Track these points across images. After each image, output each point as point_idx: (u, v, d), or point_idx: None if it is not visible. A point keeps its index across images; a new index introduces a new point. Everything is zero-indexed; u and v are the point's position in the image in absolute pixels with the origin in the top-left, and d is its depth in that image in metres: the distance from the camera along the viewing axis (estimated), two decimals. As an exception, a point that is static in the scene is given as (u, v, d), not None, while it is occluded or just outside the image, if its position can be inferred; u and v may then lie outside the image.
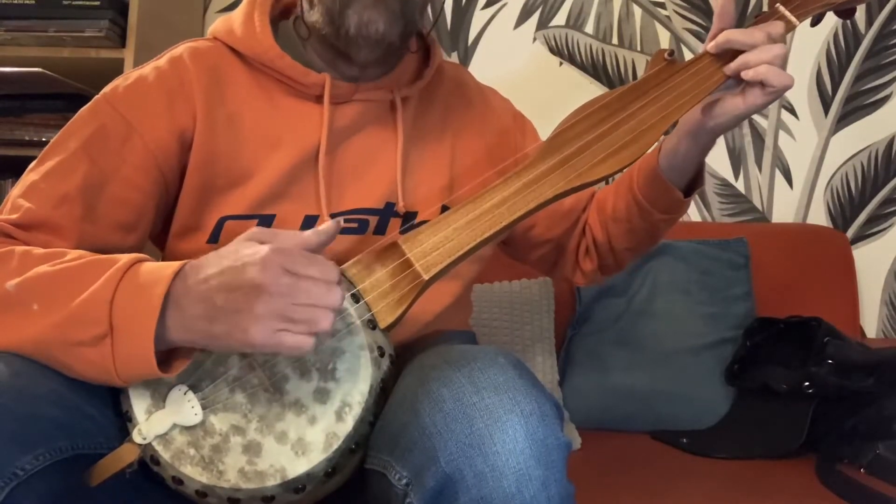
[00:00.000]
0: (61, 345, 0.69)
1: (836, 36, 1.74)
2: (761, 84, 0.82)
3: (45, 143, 0.85)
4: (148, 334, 0.66)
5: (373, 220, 0.91)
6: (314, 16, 0.88)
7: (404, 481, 0.68)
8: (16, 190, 0.82)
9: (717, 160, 1.77)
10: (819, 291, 1.56)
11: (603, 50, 1.80)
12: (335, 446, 0.71)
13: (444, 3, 1.77)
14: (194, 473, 0.71)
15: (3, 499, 0.60)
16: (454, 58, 1.83)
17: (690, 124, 0.89)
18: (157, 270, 0.69)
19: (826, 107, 1.74)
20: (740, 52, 0.83)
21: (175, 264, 0.69)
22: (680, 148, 0.91)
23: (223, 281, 0.66)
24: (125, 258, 0.71)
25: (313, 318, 0.66)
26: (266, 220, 0.88)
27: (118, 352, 0.67)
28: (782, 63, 0.82)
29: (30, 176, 0.83)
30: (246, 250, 0.68)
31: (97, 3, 1.58)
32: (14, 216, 0.79)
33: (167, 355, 0.70)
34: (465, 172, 0.98)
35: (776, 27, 0.83)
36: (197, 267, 0.69)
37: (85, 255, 0.73)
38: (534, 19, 1.82)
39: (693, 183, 0.96)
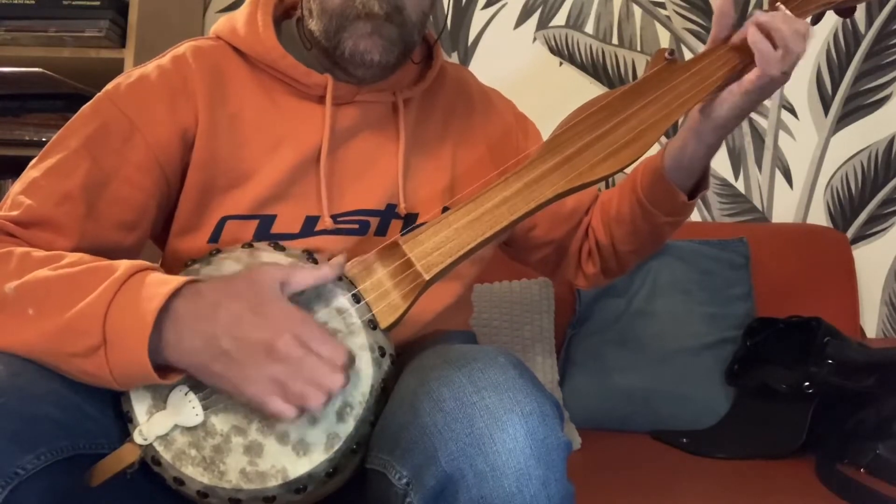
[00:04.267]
0: (57, 353, 0.69)
1: (836, 36, 1.74)
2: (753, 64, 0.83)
3: (45, 143, 0.85)
4: (142, 349, 0.66)
5: (374, 222, 0.91)
6: (313, 25, 0.89)
7: (404, 481, 0.68)
8: (16, 187, 0.82)
9: (717, 160, 1.76)
10: (819, 291, 1.56)
11: (603, 50, 1.80)
12: (336, 447, 0.71)
13: (447, 17, 1.77)
14: (195, 474, 0.71)
15: (4, 498, 0.60)
16: (454, 58, 1.83)
17: (693, 123, 0.90)
18: (156, 285, 0.69)
19: (826, 107, 1.74)
20: (747, 55, 0.84)
21: (177, 280, 0.69)
22: (686, 148, 0.91)
23: (235, 326, 0.68)
24: (123, 267, 0.70)
25: (308, 395, 0.67)
26: (267, 221, 0.88)
27: (113, 363, 0.67)
28: (791, 55, 0.82)
29: (31, 173, 0.83)
30: (269, 304, 0.69)
31: (97, 3, 1.58)
32: (15, 213, 0.79)
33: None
34: (466, 174, 0.98)
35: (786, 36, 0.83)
36: (208, 296, 0.69)
37: (85, 259, 0.73)
38: (534, 19, 1.82)
39: (697, 186, 0.96)
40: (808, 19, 0.90)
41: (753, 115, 1.76)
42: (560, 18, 1.81)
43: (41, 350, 0.69)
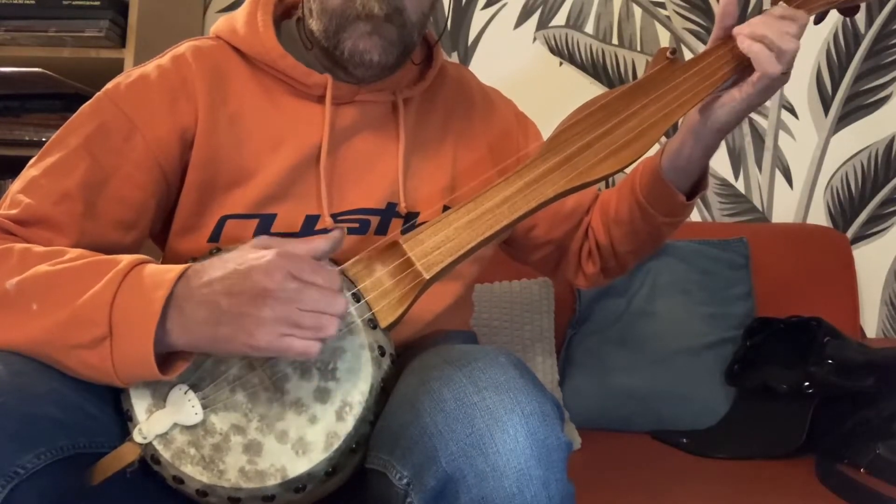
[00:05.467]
0: (60, 346, 0.69)
1: (836, 36, 1.74)
2: (751, 68, 0.83)
3: (45, 143, 0.85)
4: (148, 338, 0.66)
5: (374, 220, 0.91)
6: (313, 24, 0.89)
7: (405, 481, 0.68)
8: (15, 185, 0.82)
9: (717, 160, 1.76)
10: (819, 291, 1.56)
11: (603, 50, 1.80)
12: (335, 446, 0.71)
13: (447, 17, 1.76)
14: (195, 473, 0.71)
15: (4, 497, 0.60)
16: (454, 58, 1.83)
17: (692, 123, 0.89)
18: (159, 274, 0.69)
19: (826, 107, 1.74)
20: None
21: (178, 268, 0.69)
22: (683, 149, 0.91)
23: (228, 284, 0.67)
24: (126, 260, 0.70)
25: (320, 324, 0.67)
26: (267, 220, 0.88)
27: (117, 354, 0.67)
28: (784, 55, 0.82)
29: (30, 172, 0.83)
30: (251, 254, 0.68)
31: (97, 3, 1.58)
32: (14, 212, 0.79)
33: (168, 357, 0.70)
34: (466, 173, 0.98)
35: (775, 35, 0.83)
36: (200, 271, 0.69)
37: (85, 254, 0.73)
38: (534, 19, 1.82)
39: (696, 186, 0.96)
40: (812, 18, 0.90)
41: (753, 115, 1.76)
42: (560, 18, 1.81)
43: (44, 343, 0.69)
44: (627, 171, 0.91)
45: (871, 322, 1.72)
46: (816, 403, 1.27)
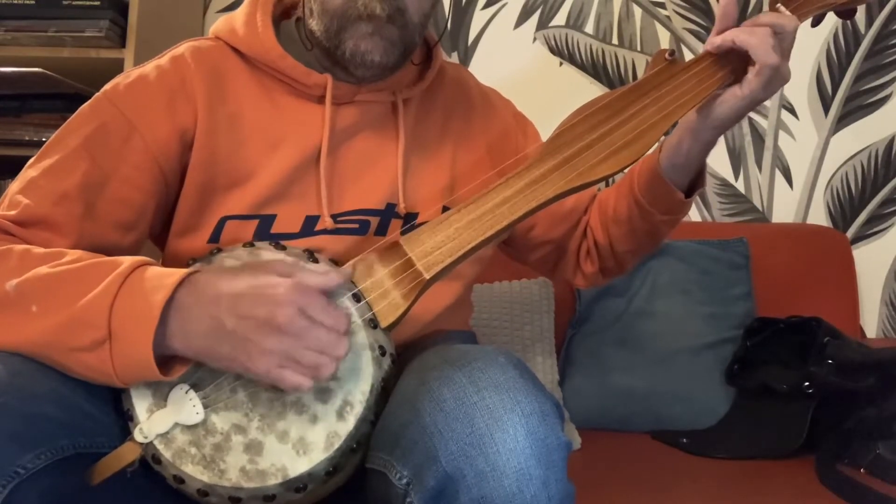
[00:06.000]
0: (60, 349, 0.69)
1: (836, 36, 1.74)
2: (751, 65, 0.83)
3: (45, 143, 0.85)
4: (147, 341, 0.66)
5: (374, 221, 0.91)
6: (314, 25, 0.89)
7: (405, 481, 0.68)
8: (14, 186, 0.82)
9: (717, 160, 1.77)
10: (819, 291, 1.56)
11: (603, 50, 1.80)
12: (336, 445, 0.71)
13: (447, 18, 1.77)
14: (195, 472, 0.71)
15: (5, 497, 0.60)
16: (454, 58, 1.83)
17: (690, 121, 0.90)
18: (160, 277, 0.69)
19: (826, 107, 1.74)
20: (740, 53, 0.84)
21: (180, 272, 0.69)
22: (682, 146, 0.91)
23: (237, 305, 0.67)
24: (127, 262, 0.70)
25: (318, 364, 0.68)
26: (267, 221, 0.88)
27: (117, 357, 0.67)
28: (777, 49, 0.82)
29: (29, 172, 0.82)
30: (267, 280, 0.69)
31: (97, 3, 1.58)
32: (13, 213, 0.79)
33: (168, 357, 0.70)
34: (466, 173, 0.98)
35: (772, 17, 0.83)
36: (209, 281, 0.69)
37: (85, 256, 0.73)
38: (534, 19, 1.82)
39: (694, 184, 0.96)
40: (809, 20, 0.91)
41: (753, 115, 1.76)
42: (560, 18, 1.81)
43: (44, 345, 0.69)
44: (626, 171, 0.91)
45: (871, 322, 1.72)
46: (816, 403, 1.27)
